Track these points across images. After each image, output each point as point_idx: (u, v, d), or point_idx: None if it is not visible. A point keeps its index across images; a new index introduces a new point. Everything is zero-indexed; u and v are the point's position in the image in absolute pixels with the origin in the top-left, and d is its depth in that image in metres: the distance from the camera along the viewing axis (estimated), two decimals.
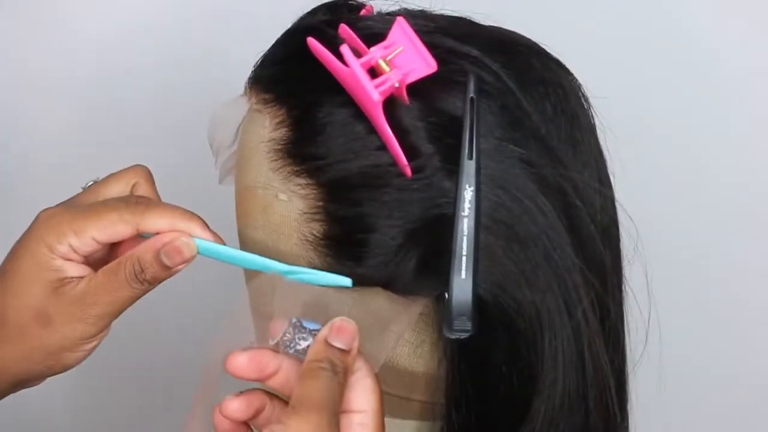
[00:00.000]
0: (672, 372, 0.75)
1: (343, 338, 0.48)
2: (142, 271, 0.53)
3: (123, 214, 0.53)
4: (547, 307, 0.51)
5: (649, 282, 0.58)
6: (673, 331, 0.68)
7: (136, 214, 0.53)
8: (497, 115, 0.51)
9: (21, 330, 0.54)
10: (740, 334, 1.12)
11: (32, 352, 0.55)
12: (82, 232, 0.53)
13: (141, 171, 0.58)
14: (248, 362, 0.48)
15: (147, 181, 0.58)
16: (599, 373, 0.52)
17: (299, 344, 0.49)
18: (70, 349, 0.55)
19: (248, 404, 0.49)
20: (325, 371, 0.47)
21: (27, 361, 0.55)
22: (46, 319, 0.54)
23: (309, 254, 0.54)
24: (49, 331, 0.54)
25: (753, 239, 1.10)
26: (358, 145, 0.52)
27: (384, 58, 0.49)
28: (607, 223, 0.55)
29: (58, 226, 0.53)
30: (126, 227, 0.53)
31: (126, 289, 0.54)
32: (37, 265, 0.53)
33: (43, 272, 0.53)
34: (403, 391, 0.57)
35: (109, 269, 0.54)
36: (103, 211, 0.54)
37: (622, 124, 0.61)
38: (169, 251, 0.53)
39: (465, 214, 0.50)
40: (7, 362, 0.55)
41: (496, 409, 0.53)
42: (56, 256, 0.53)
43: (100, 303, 0.54)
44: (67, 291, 0.53)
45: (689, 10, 1.05)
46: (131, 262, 0.53)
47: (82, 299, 0.53)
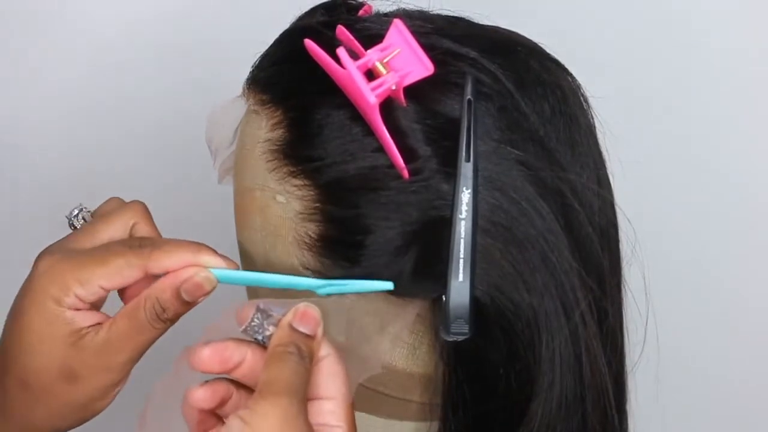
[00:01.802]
0: (671, 373, 0.75)
1: (307, 323, 0.48)
2: (164, 311, 0.52)
3: (129, 259, 0.51)
4: (544, 310, 0.51)
5: (647, 284, 0.58)
6: (671, 332, 0.68)
7: (142, 257, 0.51)
8: (495, 117, 0.51)
9: (47, 390, 0.53)
10: (739, 335, 1.12)
11: (62, 408, 0.54)
12: (89, 282, 0.51)
13: (137, 209, 0.56)
14: (211, 355, 0.47)
15: (145, 219, 0.56)
16: (597, 375, 0.52)
17: (267, 330, 0.48)
18: (99, 399, 0.54)
19: (213, 393, 0.48)
20: (292, 355, 0.46)
21: (57, 417, 0.54)
22: (71, 375, 0.52)
23: (304, 255, 0.54)
24: (76, 386, 0.53)
25: (753, 240, 1.10)
26: (355, 146, 0.51)
27: (381, 60, 0.49)
28: (606, 225, 0.55)
29: (61, 277, 0.51)
30: (134, 271, 0.52)
31: (149, 331, 0.52)
32: (48, 321, 0.52)
33: (55, 328, 0.52)
34: (400, 392, 0.57)
35: (128, 314, 0.52)
36: (108, 257, 0.52)
37: (622, 125, 0.61)
38: (189, 288, 0.51)
39: (462, 216, 0.50)
40: (37, 422, 0.54)
41: (493, 411, 0.53)
42: (65, 308, 0.52)
43: (124, 350, 0.52)
44: (87, 343, 0.52)
45: (689, 10, 1.04)
46: (151, 303, 0.52)
47: (106, 349, 0.52)
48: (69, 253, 0.53)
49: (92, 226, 0.56)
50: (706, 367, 1.12)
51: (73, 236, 0.56)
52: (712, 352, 1.11)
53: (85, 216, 0.58)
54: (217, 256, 0.52)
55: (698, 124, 1.07)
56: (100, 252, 0.53)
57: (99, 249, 0.53)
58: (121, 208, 0.57)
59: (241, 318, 0.49)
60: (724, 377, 1.13)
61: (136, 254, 0.51)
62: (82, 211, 0.59)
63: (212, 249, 0.53)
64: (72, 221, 0.59)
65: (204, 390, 0.48)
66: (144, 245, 0.52)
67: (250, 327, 0.48)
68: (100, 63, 1.04)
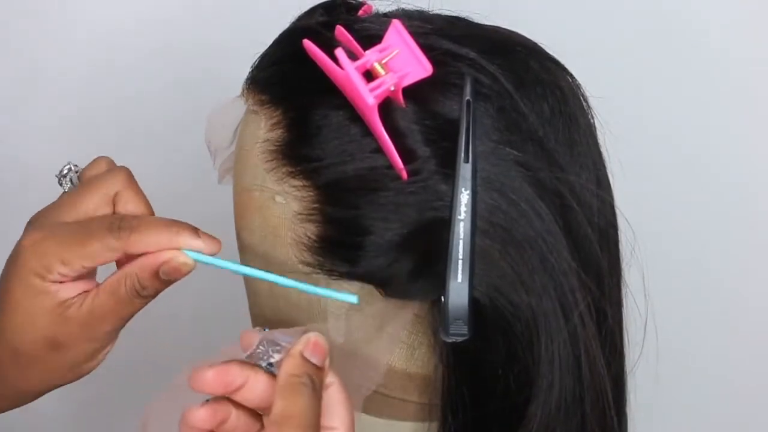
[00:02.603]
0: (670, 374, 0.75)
1: (318, 355, 0.48)
2: (143, 289, 0.53)
3: (108, 242, 0.52)
4: (543, 311, 0.51)
5: (647, 284, 0.58)
6: (671, 333, 0.68)
7: (121, 239, 0.52)
8: (494, 117, 0.51)
9: (36, 358, 0.55)
10: (739, 336, 1.12)
11: (50, 373, 0.56)
12: (70, 262, 0.52)
13: (121, 177, 0.56)
14: (215, 378, 0.47)
15: (128, 188, 0.56)
16: (596, 377, 0.52)
17: (272, 357, 0.48)
18: (85, 362, 0.56)
19: (214, 413, 0.48)
20: (306, 387, 0.46)
21: (46, 380, 0.56)
22: (58, 345, 0.54)
23: (303, 255, 0.54)
24: (62, 353, 0.54)
25: (753, 240, 1.10)
26: (354, 147, 0.51)
27: (379, 61, 0.49)
28: (605, 225, 0.55)
29: (44, 256, 0.52)
30: (114, 254, 0.52)
31: (130, 305, 0.54)
32: (34, 295, 0.53)
33: (41, 301, 0.53)
34: (400, 392, 0.57)
35: (109, 288, 0.53)
36: (88, 240, 0.52)
37: (622, 125, 0.61)
38: (167, 270, 0.52)
39: (461, 217, 0.50)
40: (28, 384, 0.57)
41: (492, 412, 0.53)
42: (48, 283, 0.53)
43: (107, 322, 0.54)
44: (71, 314, 0.53)
45: (689, 10, 1.04)
46: (131, 281, 0.53)
47: (90, 321, 0.53)
48: (52, 229, 0.54)
49: (75, 195, 0.56)
50: (706, 367, 1.12)
51: (57, 206, 0.56)
52: (712, 352, 1.11)
53: (72, 178, 0.59)
54: (196, 237, 0.52)
55: (698, 124, 1.07)
56: (81, 233, 0.53)
57: (80, 229, 0.53)
58: (104, 175, 0.57)
59: (246, 344, 0.49)
60: (724, 377, 1.13)
61: (115, 236, 0.52)
62: (71, 171, 0.59)
63: (193, 228, 0.53)
64: (60, 180, 0.59)
65: (205, 410, 0.48)
66: (123, 227, 0.52)
67: (254, 353, 0.48)
68: (99, 63, 1.04)
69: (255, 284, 0.60)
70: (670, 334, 0.64)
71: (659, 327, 0.58)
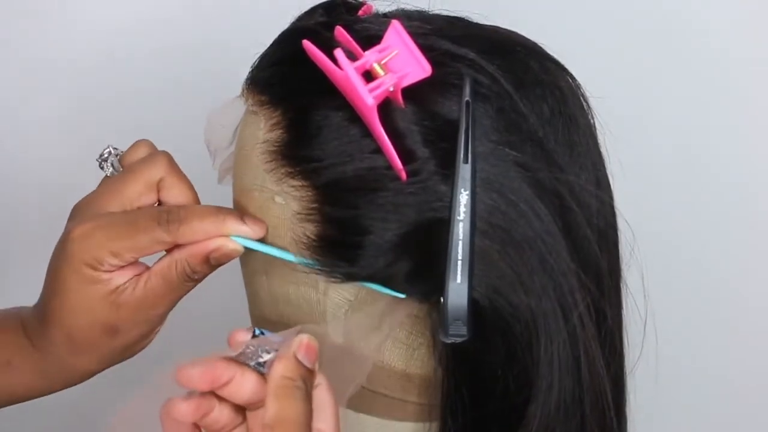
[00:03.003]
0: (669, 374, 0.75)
1: (310, 357, 0.48)
2: (194, 273, 0.55)
3: (157, 235, 0.54)
4: (542, 312, 0.51)
5: (646, 285, 0.58)
6: (670, 334, 0.68)
7: (170, 232, 0.54)
8: (493, 118, 0.51)
9: (91, 343, 0.57)
10: (739, 337, 1.12)
11: (105, 356, 0.58)
12: (120, 254, 0.54)
13: (163, 163, 0.58)
14: (201, 375, 0.47)
15: (171, 173, 0.58)
16: (595, 378, 0.52)
17: (261, 357, 0.49)
18: (137, 344, 0.59)
19: (197, 407, 0.48)
20: (299, 390, 0.46)
21: (99, 361, 0.59)
22: (113, 330, 0.56)
23: (302, 254, 0.54)
24: (117, 337, 0.57)
25: (753, 241, 1.10)
26: (353, 148, 0.51)
27: (379, 61, 0.49)
28: (604, 226, 0.55)
29: (93, 248, 0.54)
30: (162, 246, 0.55)
31: (180, 289, 0.56)
32: (87, 284, 0.55)
33: (94, 289, 0.55)
34: (399, 393, 0.57)
35: (160, 273, 0.56)
36: (137, 234, 0.54)
37: (622, 125, 0.61)
38: (217, 257, 0.55)
39: (460, 218, 0.50)
40: (81, 365, 0.59)
41: (491, 414, 0.53)
42: (100, 272, 0.55)
43: (159, 305, 0.56)
44: (124, 300, 0.55)
45: (690, 10, 1.04)
46: (182, 266, 0.55)
47: (142, 305, 0.56)
48: (99, 220, 0.55)
49: (118, 182, 0.58)
50: (706, 368, 1.12)
51: (101, 193, 0.58)
52: (712, 353, 1.11)
53: (113, 161, 0.60)
54: (242, 223, 0.55)
55: (698, 124, 1.07)
56: (129, 225, 0.55)
57: (128, 221, 0.55)
58: (146, 161, 0.58)
59: (235, 343, 0.49)
60: (724, 378, 1.12)
61: (164, 230, 0.54)
62: (111, 155, 0.60)
63: (238, 214, 0.55)
64: (101, 164, 0.60)
65: (188, 404, 0.48)
66: (171, 220, 0.54)
67: (243, 353, 0.49)
68: (99, 62, 1.04)
69: (255, 285, 0.60)
70: (669, 335, 0.64)
71: (659, 327, 0.58)
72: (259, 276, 0.58)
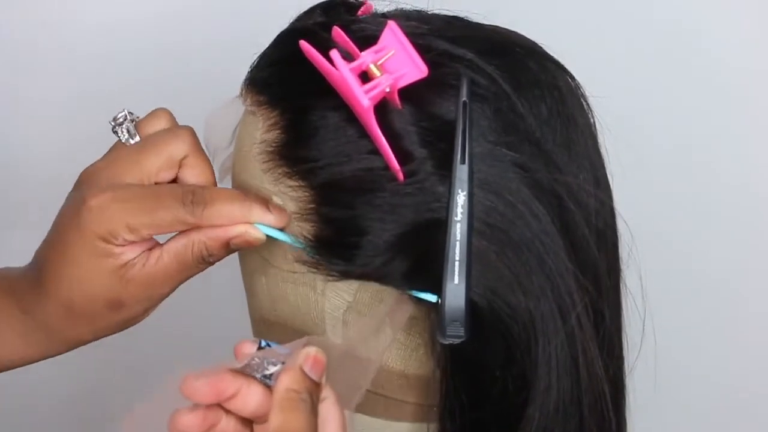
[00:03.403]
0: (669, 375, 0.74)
1: (317, 370, 0.47)
2: (210, 256, 0.54)
3: (179, 214, 0.52)
4: (540, 313, 0.51)
5: (644, 285, 0.58)
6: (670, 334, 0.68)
7: (195, 214, 0.53)
8: (491, 118, 0.51)
9: (92, 315, 0.55)
10: (739, 338, 1.12)
11: (100, 329, 0.56)
12: (137, 230, 0.52)
13: (187, 139, 0.56)
14: (207, 387, 0.47)
15: (195, 153, 0.56)
16: (594, 379, 0.52)
17: (267, 369, 0.48)
18: (136, 318, 0.57)
19: (203, 419, 0.47)
20: (306, 404, 0.46)
21: (95, 334, 0.57)
22: (117, 304, 0.54)
23: (298, 254, 0.54)
24: (119, 312, 0.55)
25: (753, 242, 1.10)
26: (350, 148, 0.51)
27: (375, 62, 0.49)
28: (603, 226, 0.54)
29: (109, 221, 0.52)
30: (184, 227, 0.53)
31: (193, 270, 0.55)
32: (96, 257, 0.53)
33: (103, 262, 0.53)
34: (398, 393, 0.57)
35: (174, 252, 0.54)
36: (159, 211, 0.53)
37: (622, 125, 0.60)
38: (238, 243, 0.53)
39: (458, 218, 0.50)
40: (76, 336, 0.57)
41: (490, 415, 0.53)
42: (113, 246, 0.53)
43: (167, 283, 0.55)
44: (133, 275, 0.54)
45: (690, 11, 1.04)
46: (199, 248, 0.53)
47: (151, 282, 0.54)
48: (117, 192, 0.53)
49: (138, 153, 0.56)
50: (705, 368, 1.12)
51: (116, 161, 0.56)
52: (712, 353, 1.11)
53: (129, 127, 0.57)
54: (267, 212, 0.53)
55: (699, 124, 1.06)
56: (150, 201, 0.53)
57: (149, 196, 0.53)
58: (169, 135, 0.56)
59: (241, 355, 0.49)
60: (724, 379, 1.12)
61: (189, 210, 0.52)
62: (127, 120, 0.57)
63: (263, 201, 0.54)
64: (115, 127, 0.57)
65: (194, 415, 0.47)
66: (196, 201, 0.53)
67: (249, 365, 0.48)
68: (99, 62, 1.04)
69: (254, 286, 0.60)
70: (668, 336, 0.64)
71: (658, 328, 0.58)
72: (257, 276, 0.58)
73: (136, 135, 0.57)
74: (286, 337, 0.57)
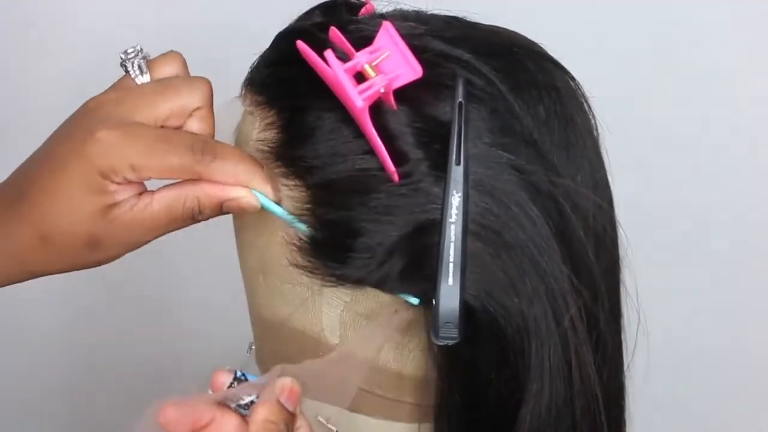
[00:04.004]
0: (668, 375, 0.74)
1: (292, 401, 0.48)
2: (200, 213, 0.53)
3: (186, 161, 0.51)
4: (534, 315, 0.50)
5: (644, 286, 0.58)
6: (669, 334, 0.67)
7: (202, 163, 0.51)
8: (487, 119, 0.51)
9: (66, 250, 0.53)
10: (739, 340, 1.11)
11: (71, 263, 0.55)
12: (141, 171, 0.51)
13: (205, 91, 0.54)
14: (181, 417, 0.47)
15: (208, 106, 0.54)
16: (586, 382, 0.52)
17: (242, 399, 0.48)
18: (107, 261, 0.55)
19: None
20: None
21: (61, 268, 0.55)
22: (95, 244, 0.53)
23: (293, 255, 0.54)
24: (95, 251, 0.54)
25: (752, 242, 1.09)
26: (346, 149, 0.51)
27: (370, 63, 0.49)
28: (600, 229, 0.54)
29: (115, 157, 0.51)
30: (187, 174, 0.52)
31: (180, 223, 0.54)
32: (88, 192, 0.52)
33: (94, 198, 0.52)
34: (394, 393, 0.57)
35: (166, 203, 0.53)
36: (166, 155, 0.51)
37: (623, 125, 0.60)
38: (233, 206, 0.53)
39: (452, 220, 0.50)
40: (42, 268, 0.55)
41: (483, 416, 0.53)
42: (109, 182, 0.52)
43: (151, 232, 0.54)
44: (117, 216, 0.52)
45: (691, 11, 1.03)
46: (191, 204, 0.52)
47: (135, 228, 0.53)
48: (127, 129, 0.52)
49: (154, 94, 0.54)
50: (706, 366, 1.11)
51: (129, 98, 0.54)
52: (711, 354, 1.10)
53: (141, 63, 0.56)
54: (266, 183, 0.53)
55: (699, 125, 1.06)
56: (160, 144, 0.52)
57: (159, 139, 0.52)
58: (187, 83, 0.55)
59: (216, 384, 0.49)
60: (723, 379, 1.12)
61: (197, 159, 0.51)
62: (138, 56, 0.56)
63: (266, 172, 0.53)
64: (125, 62, 0.56)
65: None
66: (206, 151, 0.52)
67: (224, 395, 0.48)
68: (99, 61, 1.04)
69: (253, 284, 0.60)
70: (668, 336, 0.64)
71: (656, 329, 0.58)
72: (256, 275, 0.59)
73: (147, 73, 0.56)
74: (285, 335, 0.58)
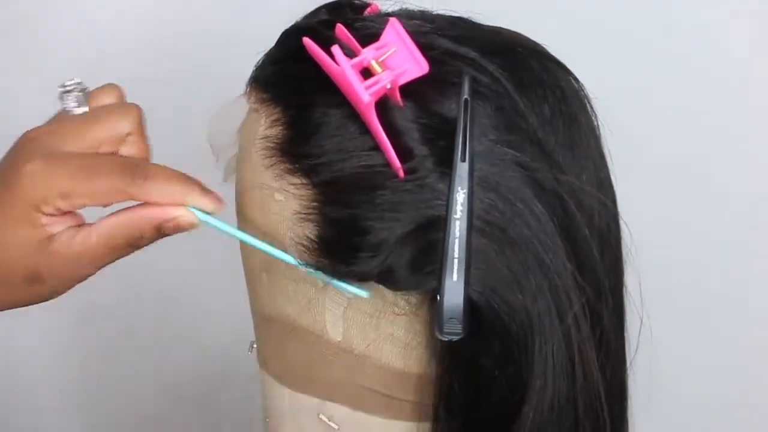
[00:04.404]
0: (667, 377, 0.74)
1: None
2: (141, 239, 0.52)
3: (118, 184, 0.50)
4: (537, 312, 0.50)
5: (646, 286, 0.58)
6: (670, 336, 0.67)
7: (134, 185, 0.51)
8: (492, 117, 0.51)
9: (5, 285, 0.53)
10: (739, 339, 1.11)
11: (11, 302, 0.54)
12: (71, 198, 0.50)
13: (135, 117, 0.54)
14: None
15: (139, 132, 0.54)
16: (589, 379, 0.52)
17: None
18: (52, 296, 0.54)
19: None
20: None
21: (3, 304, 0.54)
22: (36, 278, 0.52)
23: (302, 254, 0.54)
24: (35, 286, 0.53)
25: (752, 242, 1.09)
26: (351, 145, 0.51)
27: (376, 59, 0.49)
28: (604, 227, 0.54)
29: (44, 188, 0.50)
30: (121, 197, 0.51)
31: (122, 252, 0.53)
32: (22, 225, 0.51)
33: (28, 232, 0.51)
34: (397, 391, 0.57)
35: (104, 233, 0.52)
36: (96, 179, 0.51)
37: (623, 126, 0.60)
38: (171, 227, 0.52)
39: (457, 216, 0.50)
40: None
41: (485, 413, 0.53)
42: (41, 215, 0.51)
43: (92, 264, 0.53)
44: (56, 250, 0.51)
45: (692, 11, 1.03)
46: (129, 230, 0.52)
47: (75, 260, 0.52)
48: (55, 158, 0.51)
49: (83, 123, 0.54)
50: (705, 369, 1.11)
51: (59, 130, 0.53)
52: (711, 354, 1.10)
53: (78, 97, 0.56)
54: (204, 197, 0.52)
55: (700, 125, 1.06)
56: (89, 169, 0.51)
57: (88, 165, 0.52)
58: (117, 110, 0.54)
59: None
60: (723, 380, 1.12)
61: (128, 182, 0.51)
62: (76, 89, 0.56)
63: (202, 186, 0.53)
64: (62, 95, 0.56)
65: None
66: (137, 173, 0.51)
67: None
68: (100, 62, 1.04)
69: (255, 282, 0.60)
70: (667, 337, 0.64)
71: (657, 329, 0.58)
72: (259, 273, 0.59)
73: (85, 105, 0.55)
74: (287, 333, 0.58)
